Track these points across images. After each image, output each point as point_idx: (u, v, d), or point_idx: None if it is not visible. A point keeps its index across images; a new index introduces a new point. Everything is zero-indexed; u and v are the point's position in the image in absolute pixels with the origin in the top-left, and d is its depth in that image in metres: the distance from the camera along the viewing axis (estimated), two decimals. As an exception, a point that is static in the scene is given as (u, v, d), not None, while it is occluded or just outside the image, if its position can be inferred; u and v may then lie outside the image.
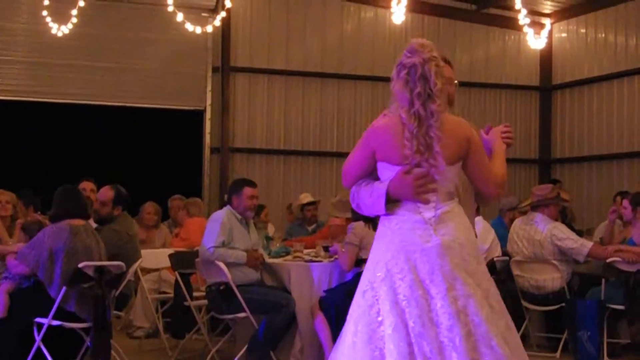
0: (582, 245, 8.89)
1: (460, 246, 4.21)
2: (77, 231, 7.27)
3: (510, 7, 14.27)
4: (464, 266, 4.17)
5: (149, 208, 11.15)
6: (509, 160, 15.60)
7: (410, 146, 4.22)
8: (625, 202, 9.44)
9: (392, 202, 4.31)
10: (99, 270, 7.21)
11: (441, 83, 4.29)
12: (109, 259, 7.56)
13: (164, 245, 10.77)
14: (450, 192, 4.33)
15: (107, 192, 8.53)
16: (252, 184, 8.57)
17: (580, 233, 10.76)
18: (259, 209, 11.78)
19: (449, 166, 4.27)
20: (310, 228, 11.86)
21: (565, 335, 8.86)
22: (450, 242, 4.19)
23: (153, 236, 10.93)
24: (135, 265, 8.20)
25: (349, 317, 4.29)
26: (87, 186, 9.55)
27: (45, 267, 7.10)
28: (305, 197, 12.24)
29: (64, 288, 7.05)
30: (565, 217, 11.79)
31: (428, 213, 4.25)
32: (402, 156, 4.24)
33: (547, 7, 16.90)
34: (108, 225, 8.40)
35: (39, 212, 9.80)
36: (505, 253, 9.46)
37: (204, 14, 14.96)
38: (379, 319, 4.13)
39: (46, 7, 13.12)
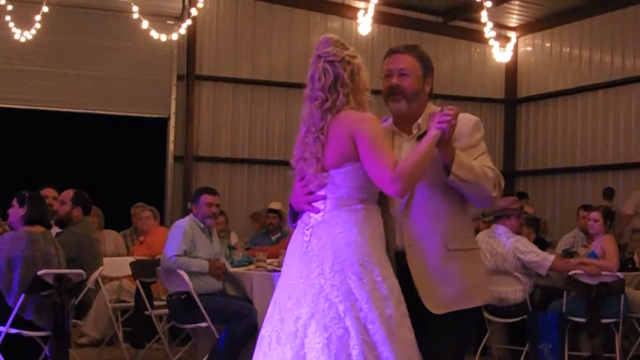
0: (545, 259, 8.91)
1: (323, 258, 3.91)
2: (36, 238, 7.18)
3: (477, 20, 14.34)
4: (319, 281, 3.88)
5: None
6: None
7: (296, 153, 4.16)
8: (597, 214, 9.39)
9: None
10: (59, 278, 7.13)
11: (328, 81, 4.05)
12: (68, 262, 7.48)
13: (117, 252, 10.69)
14: (342, 198, 3.99)
15: (67, 192, 8.47)
16: (210, 191, 8.51)
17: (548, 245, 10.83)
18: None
19: (335, 169, 4.00)
20: (274, 237, 11.80)
21: (527, 348, 8.86)
22: (313, 255, 3.95)
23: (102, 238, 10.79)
24: (96, 273, 8.11)
25: None
26: (49, 193, 9.43)
27: (4, 275, 7.01)
28: (275, 204, 12.12)
29: (22, 296, 6.96)
30: (537, 230, 11.83)
31: (312, 222, 4.04)
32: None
33: (513, 21, 17.02)
34: (68, 228, 8.31)
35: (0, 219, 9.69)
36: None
37: (169, 22, 14.90)
38: None
39: (9, 12, 13.01)
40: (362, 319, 3.80)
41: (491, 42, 13.28)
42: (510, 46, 15.95)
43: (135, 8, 12.70)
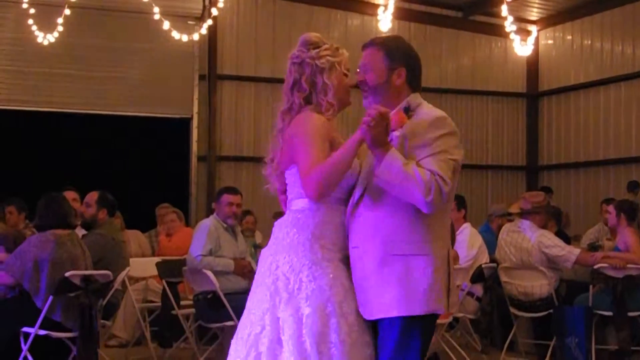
0: (570, 253, 8.88)
1: (266, 258, 4.09)
2: (63, 240, 7.23)
3: (497, 14, 14.33)
4: (259, 280, 4.06)
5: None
6: (496, 168, 15.58)
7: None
8: (610, 208, 9.44)
9: None
10: (86, 279, 7.17)
11: (288, 84, 4.17)
12: (94, 264, 7.53)
13: (142, 252, 10.77)
14: (295, 199, 4.10)
15: (92, 195, 8.48)
16: (231, 190, 8.53)
17: (568, 239, 10.78)
18: (242, 215, 11.74)
19: (287, 171, 4.13)
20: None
21: (553, 342, 8.85)
22: (264, 255, 4.14)
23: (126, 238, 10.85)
24: (123, 274, 8.15)
25: None
26: (69, 195, 9.46)
27: (31, 277, 7.05)
28: None
29: (50, 298, 7.01)
30: (559, 222, 11.78)
31: None
32: None
33: (534, 14, 16.96)
34: (93, 230, 8.34)
35: (27, 221, 9.76)
36: (493, 260, 9.46)
37: (190, 22, 14.94)
38: None
39: (32, 16, 13.08)
40: (280, 318, 3.88)
41: (512, 36, 13.25)
42: (531, 40, 15.89)
43: (156, 9, 12.74)
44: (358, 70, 4.23)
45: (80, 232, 8.30)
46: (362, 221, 4.00)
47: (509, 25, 12.62)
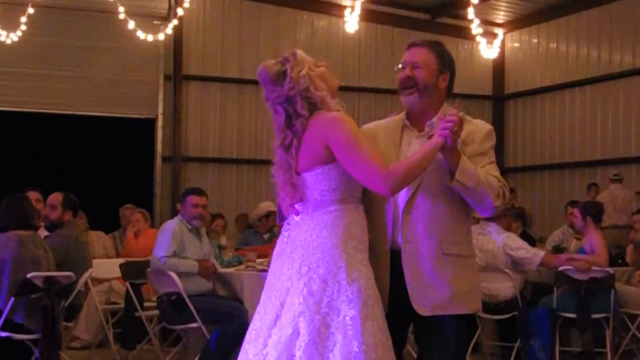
0: (535, 255, 8.91)
1: (293, 260, 3.97)
2: (25, 241, 7.16)
3: (464, 17, 14.37)
4: (287, 284, 3.96)
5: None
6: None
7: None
8: (575, 212, 9.51)
9: None
10: (48, 280, 7.10)
11: (281, 121, 4.06)
12: (57, 265, 7.46)
13: (105, 254, 10.70)
14: (316, 201, 4.00)
15: (56, 196, 8.38)
16: (197, 192, 8.48)
17: (533, 241, 10.82)
18: (213, 218, 11.67)
19: (307, 172, 3.99)
20: (265, 236, 11.69)
21: (518, 344, 8.87)
22: (286, 257, 4.02)
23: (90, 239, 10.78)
24: (86, 275, 8.08)
25: None
26: (32, 196, 9.34)
27: (-8, 278, 7.00)
28: (267, 206, 11.78)
29: (12, 299, 6.94)
30: (524, 222, 11.80)
31: (292, 223, 4.10)
32: None
33: (500, 17, 17.04)
34: (56, 230, 8.26)
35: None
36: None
37: (156, 22, 14.88)
38: None
39: (-5, 14, 12.99)
40: (317, 321, 3.82)
41: (478, 38, 13.30)
42: (497, 42, 15.96)
43: (121, 8, 12.69)
44: (400, 66, 4.23)
45: (43, 232, 8.22)
46: (415, 218, 4.09)
47: (476, 28, 12.67)
